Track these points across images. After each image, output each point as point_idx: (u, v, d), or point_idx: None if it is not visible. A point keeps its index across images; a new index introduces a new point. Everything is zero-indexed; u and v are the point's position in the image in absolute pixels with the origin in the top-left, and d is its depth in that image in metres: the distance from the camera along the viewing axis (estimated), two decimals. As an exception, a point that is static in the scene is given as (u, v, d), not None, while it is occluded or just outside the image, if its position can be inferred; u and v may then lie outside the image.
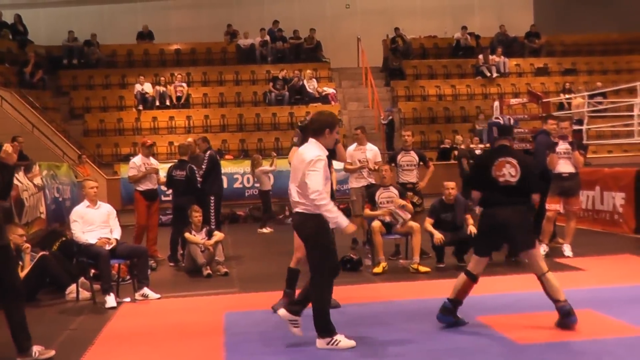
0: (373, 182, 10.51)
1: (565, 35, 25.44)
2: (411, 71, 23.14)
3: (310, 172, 5.50)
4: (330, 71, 23.13)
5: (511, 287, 7.74)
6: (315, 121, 5.81)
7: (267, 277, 8.98)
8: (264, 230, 14.47)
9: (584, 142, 15.23)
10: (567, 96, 19.74)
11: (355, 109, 22.03)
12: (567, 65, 23.99)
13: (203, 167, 10.90)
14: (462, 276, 6.09)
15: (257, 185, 16.11)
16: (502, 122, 6.25)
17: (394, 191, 9.58)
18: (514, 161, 5.97)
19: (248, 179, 17.46)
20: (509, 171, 5.93)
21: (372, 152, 10.76)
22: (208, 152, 11.12)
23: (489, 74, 22.72)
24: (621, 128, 17.31)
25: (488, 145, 12.15)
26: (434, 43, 24.82)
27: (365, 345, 5.63)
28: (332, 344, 5.56)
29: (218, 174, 11.24)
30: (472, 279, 6.07)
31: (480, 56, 23.06)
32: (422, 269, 8.92)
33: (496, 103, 18.27)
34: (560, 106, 19.05)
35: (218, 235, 9.73)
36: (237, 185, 17.26)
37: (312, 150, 5.65)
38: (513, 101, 18.83)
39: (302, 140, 6.67)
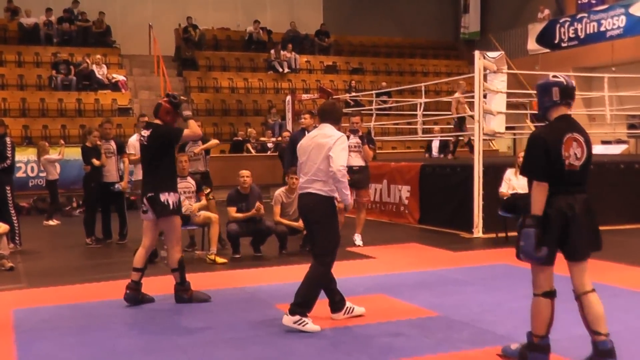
0: None
1: (353, 36, 26.57)
2: (204, 62, 22.99)
3: (337, 148, 5.56)
4: (121, 57, 22.38)
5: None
6: (336, 111, 6.00)
7: (56, 271, 8.56)
8: (51, 222, 13.73)
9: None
10: (352, 94, 20.59)
11: (146, 98, 21.47)
12: (354, 64, 25.02)
13: (8, 154, 10.09)
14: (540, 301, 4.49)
15: (42, 174, 15.23)
16: (564, 81, 4.52)
17: (190, 181, 9.49)
18: (581, 138, 4.47)
19: (32, 168, 16.41)
20: (575, 152, 4.42)
21: None
22: (7, 138, 10.34)
23: (280, 69, 23.13)
24: (404, 126, 18.35)
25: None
26: (227, 35, 24.83)
27: (160, 335, 5.55)
28: (299, 324, 5.51)
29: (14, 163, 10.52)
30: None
31: (272, 51, 23.41)
32: (219, 260, 8.91)
33: (288, 97, 18.71)
34: (347, 104, 19.82)
35: (2, 227, 9.04)
36: (20, 174, 16.08)
37: (334, 131, 5.75)
38: (304, 97, 19.37)
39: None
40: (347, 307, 5.91)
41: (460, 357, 4.81)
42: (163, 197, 6.50)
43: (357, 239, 10.13)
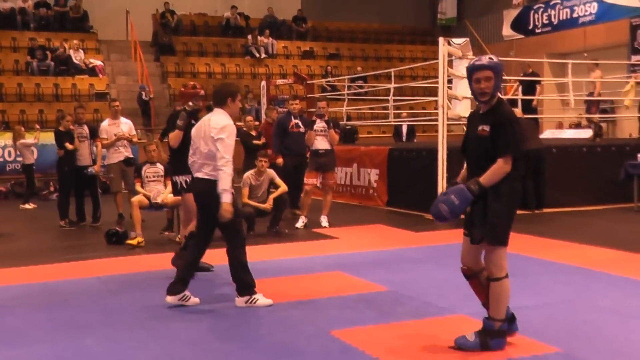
0: (131, 156, 10.76)
1: (330, 22, 26.76)
2: (181, 47, 23.13)
3: (223, 139, 5.64)
4: (98, 43, 22.49)
5: (269, 255, 8.24)
6: (217, 91, 5.96)
7: (29, 253, 8.82)
8: (27, 206, 13.94)
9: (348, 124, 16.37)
10: (328, 79, 20.84)
11: (124, 83, 21.64)
12: (331, 50, 25.23)
13: None
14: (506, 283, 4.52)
15: (19, 159, 15.41)
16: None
17: (159, 167, 9.75)
18: None
19: (9, 153, 16.60)
20: None
21: (127, 125, 10.90)
22: None
23: (257, 55, 23.32)
24: (380, 110, 18.63)
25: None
26: (205, 21, 24.96)
27: (123, 310, 5.83)
28: (251, 302, 5.76)
29: None
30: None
31: (249, 37, 23.58)
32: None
33: (263, 83, 18.92)
34: (323, 89, 20.08)
35: (-25, 209, 9.27)
36: (-3, 158, 16.32)
37: (222, 118, 5.78)
38: (280, 82, 19.58)
39: (186, 125, 7.16)
40: (184, 295, 5.89)
41: (399, 326, 5.12)
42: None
43: (324, 220, 10.42)
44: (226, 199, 5.58)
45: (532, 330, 4.85)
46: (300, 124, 11.20)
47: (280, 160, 11.03)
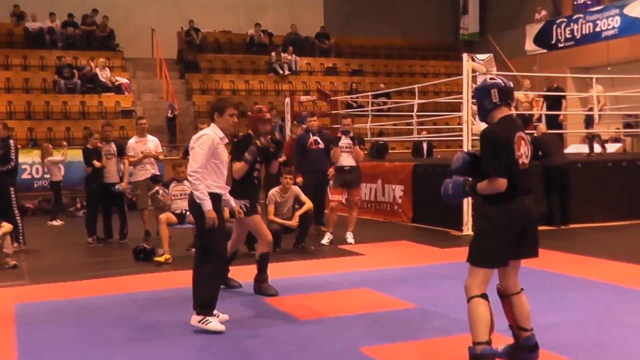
0: (158, 173, 10.92)
1: (353, 38, 26.90)
2: (206, 65, 23.37)
3: (194, 148, 5.75)
4: (124, 61, 22.78)
5: (295, 272, 8.29)
6: (211, 108, 6.11)
7: (58, 269, 8.92)
8: (55, 222, 14.10)
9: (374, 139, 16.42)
10: (352, 96, 20.93)
11: (149, 100, 21.89)
12: (354, 66, 25.34)
13: (12, 156, 10.48)
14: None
15: (46, 176, 15.62)
16: (502, 82, 4.49)
17: (187, 185, 9.84)
18: (527, 137, 4.49)
19: (37, 170, 16.82)
20: (524, 150, 4.39)
21: (153, 142, 11.05)
22: (11, 140, 10.74)
23: (281, 71, 23.49)
24: (403, 127, 18.67)
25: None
26: (229, 38, 25.20)
27: (152, 326, 5.90)
28: (204, 323, 5.67)
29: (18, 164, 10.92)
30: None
31: (273, 53, 23.76)
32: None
33: (287, 99, 19.02)
34: (348, 105, 20.16)
35: (5, 226, 9.38)
36: (25, 175, 16.51)
37: (205, 130, 5.91)
38: (303, 98, 19.67)
39: (254, 160, 6.96)
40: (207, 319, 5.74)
41: (428, 344, 5.15)
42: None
43: (349, 236, 10.45)
44: (205, 207, 5.65)
45: (562, 347, 4.86)
46: (319, 140, 11.23)
47: (300, 179, 11.01)
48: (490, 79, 4.56)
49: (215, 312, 5.83)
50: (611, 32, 20.20)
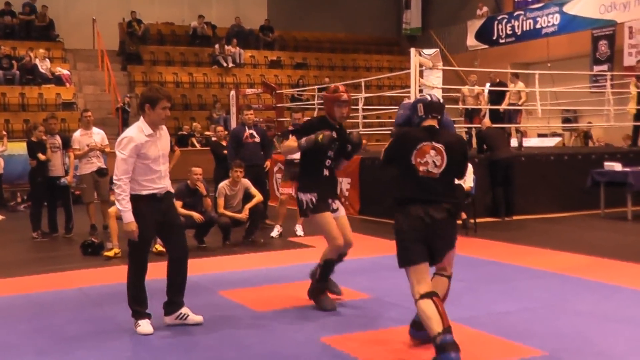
0: (104, 166, 10.74)
1: (297, 31, 26.93)
2: (148, 57, 23.09)
3: (116, 154, 5.37)
4: (64, 52, 22.34)
5: (247, 265, 8.30)
6: (140, 96, 5.61)
7: (4, 265, 8.68)
8: (-5, 217, 13.78)
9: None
10: (298, 89, 20.95)
11: (91, 92, 21.52)
12: (298, 59, 25.37)
13: None
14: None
15: (-14, 169, 15.22)
16: (429, 98, 4.90)
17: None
18: (442, 147, 4.64)
19: (-24, 163, 16.37)
20: (431, 159, 4.61)
21: (99, 135, 10.91)
22: None
23: (225, 64, 23.36)
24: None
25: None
26: (172, 30, 24.95)
27: (108, 320, 5.84)
28: (135, 326, 5.43)
29: None
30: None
31: (217, 46, 23.62)
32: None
33: (232, 92, 18.94)
34: (292, 98, 20.17)
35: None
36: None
37: (128, 130, 5.49)
38: (248, 91, 19.61)
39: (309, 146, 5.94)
40: (181, 314, 5.62)
41: (387, 332, 5.24)
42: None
43: (299, 229, 10.49)
44: (125, 218, 5.34)
45: (517, 334, 4.99)
46: (255, 134, 11.13)
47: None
48: (420, 94, 4.91)
49: (185, 311, 5.61)
50: (551, 29, 20.67)
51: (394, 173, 4.75)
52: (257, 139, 11.04)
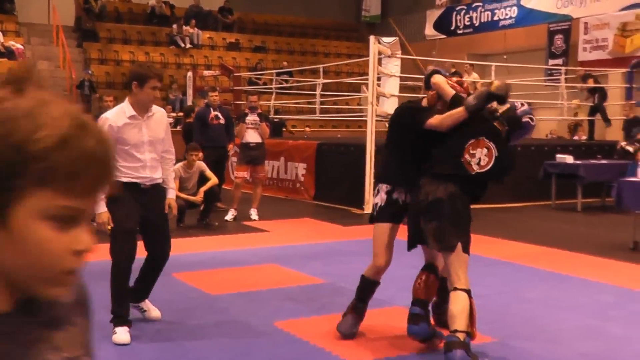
0: None
1: (256, 14, 26.71)
2: (105, 34, 22.68)
3: None
4: (18, 25, 21.81)
5: (202, 247, 8.27)
6: (128, 73, 4.91)
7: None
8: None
9: (272, 116, 16.40)
10: (256, 72, 20.86)
11: (45, 68, 21.01)
12: (257, 42, 25.19)
13: None
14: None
15: None
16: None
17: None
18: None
19: None
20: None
21: None
22: None
23: (182, 45, 23.09)
24: (305, 105, 18.76)
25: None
26: (129, 8, 24.53)
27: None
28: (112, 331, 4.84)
29: None
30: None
31: (175, 26, 23.31)
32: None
33: (189, 73, 18.80)
34: (250, 81, 20.08)
35: None
36: None
37: (108, 112, 4.87)
38: (206, 73, 19.48)
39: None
40: (140, 306, 5.25)
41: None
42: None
43: (253, 213, 10.48)
44: (96, 208, 4.57)
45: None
46: (220, 115, 11.08)
47: (200, 154, 10.83)
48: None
49: (145, 306, 5.23)
50: (508, 21, 20.89)
51: (353, 158, 4.73)
52: (222, 121, 10.96)
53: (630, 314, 5.51)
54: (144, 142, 4.83)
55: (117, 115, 4.81)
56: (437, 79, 4.73)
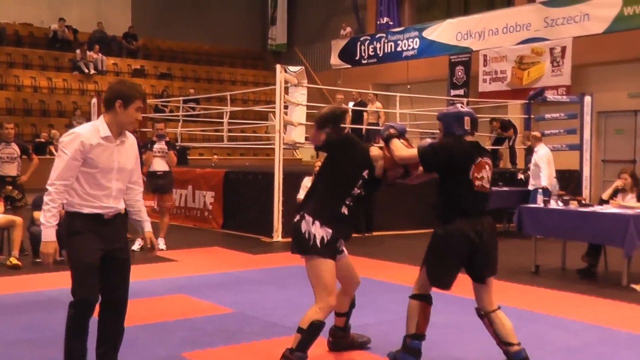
0: None
1: (161, 40, 26.54)
2: (5, 58, 22.04)
3: (58, 151, 4.21)
4: None
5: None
6: (108, 90, 4.41)
7: None
8: None
9: (178, 144, 16.27)
10: (163, 100, 20.67)
11: (-61, 94, 20.32)
12: (163, 69, 25.01)
13: None
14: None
15: None
16: (474, 113, 4.95)
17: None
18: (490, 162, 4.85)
19: None
20: (487, 174, 4.76)
21: None
22: None
23: (86, 70, 22.67)
24: (212, 133, 18.70)
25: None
26: (30, 31, 23.95)
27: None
28: None
29: None
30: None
31: (78, 51, 22.87)
32: (15, 262, 8.80)
33: (94, 100, 18.43)
34: (156, 108, 19.88)
35: None
36: None
37: (80, 127, 4.31)
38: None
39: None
40: None
41: (249, 347, 5.29)
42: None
43: (161, 242, 10.34)
44: (44, 236, 4.23)
45: (373, 345, 5.18)
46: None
47: None
48: (461, 106, 5.01)
49: None
50: (411, 52, 21.45)
51: (261, 186, 4.80)
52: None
53: (532, 335, 5.74)
54: (113, 168, 4.30)
55: (90, 133, 4.22)
56: (401, 152, 4.78)
